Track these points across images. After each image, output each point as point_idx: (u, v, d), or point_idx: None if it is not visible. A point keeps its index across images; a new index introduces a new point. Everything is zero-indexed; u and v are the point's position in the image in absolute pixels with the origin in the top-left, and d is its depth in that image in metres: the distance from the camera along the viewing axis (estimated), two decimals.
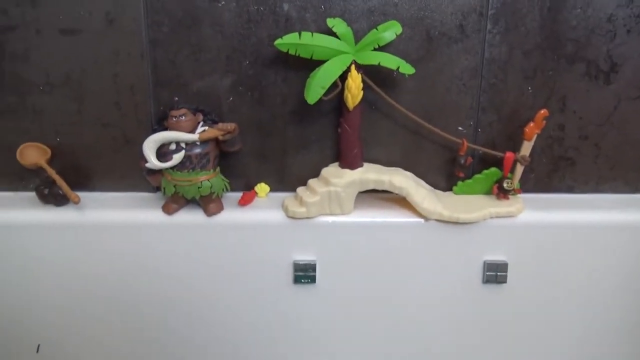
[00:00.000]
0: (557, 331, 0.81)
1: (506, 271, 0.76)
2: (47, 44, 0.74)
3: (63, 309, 0.78)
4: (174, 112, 0.71)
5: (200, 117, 0.74)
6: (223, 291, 0.78)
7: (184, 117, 0.71)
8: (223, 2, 0.73)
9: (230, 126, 0.71)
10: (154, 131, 0.72)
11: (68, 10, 0.72)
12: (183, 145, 0.72)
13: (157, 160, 0.71)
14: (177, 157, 0.71)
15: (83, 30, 0.73)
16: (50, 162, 0.77)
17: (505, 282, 0.77)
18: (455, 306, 0.79)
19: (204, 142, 0.72)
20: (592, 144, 0.81)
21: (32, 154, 0.76)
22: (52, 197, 0.76)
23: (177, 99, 0.76)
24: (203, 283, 0.77)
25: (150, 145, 0.71)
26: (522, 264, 0.77)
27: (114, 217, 0.75)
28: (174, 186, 0.73)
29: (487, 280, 0.77)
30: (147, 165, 0.71)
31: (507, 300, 0.79)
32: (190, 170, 0.72)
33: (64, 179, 0.75)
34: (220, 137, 0.72)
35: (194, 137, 0.71)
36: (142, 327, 0.80)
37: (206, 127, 0.72)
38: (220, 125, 0.72)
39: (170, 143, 0.71)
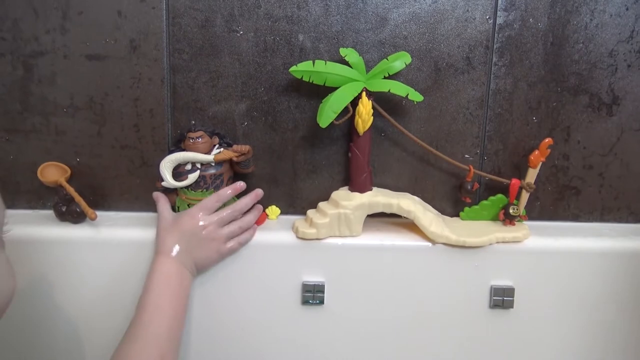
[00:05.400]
0: (563, 356, 0.81)
1: (513, 296, 0.77)
2: (74, 69, 0.78)
3: (77, 323, 0.79)
4: (191, 134, 0.74)
5: (217, 140, 0.77)
6: (232, 310, 0.79)
7: (200, 139, 0.74)
8: (241, 32, 0.77)
9: (245, 148, 0.74)
10: (171, 152, 0.75)
11: (95, 37, 0.77)
12: (198, 165, 0.74)
13: (172, 179, 0.74)
14: (192, 177, 0.74)
15: (108, 56, 0.77)
16: (69, 181, 0.79)
17: (512, 307, 0.77)
18: (462, 330, 0.79)
19: (218, 163, 0.75)
20: (597, 173, 0.83)
21: (53, 172, 0.79)
22: (69, 214, 0.78)
23: (194, 122, 0.79)
24: (212, 301, 0.78)
25: (167, 165, 0.73)
26: (528, 290, 0.78)
27: (128, 235, 0.77)
28: (188, 205, 0.75)
29: (494, 304, 0.77)
30: (163, 183, 0.74)
31: (514, 326, 0.79)
32: (204, 190, 0.74)
33: (81, 198, 0.77)
34: (235, 159, 0.74)
35: (210, 158, 0.74)
36: None
37: (221, 149, 0.75)
38: (235, 147, 0.75)
39: (186, 163, 0.74)
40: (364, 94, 0.73)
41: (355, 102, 0.73)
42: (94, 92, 0.79)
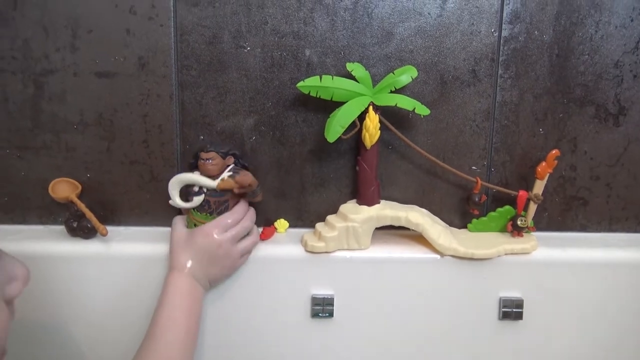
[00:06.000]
0: None
1: (522, 308, 0.77)
2: (83, 86, 0.78)
3: (88, 338, 0.80)
4: (203, 154, 0.73)
5: (231, 160, 0.75)
6: (242, 323, 0.79)
7: (210, 161, 0.73)
8: (248, 48, 0.78)
9: (246, 181, 0.72)
10: (191, 165, 0.76)
11: (104, 55, 0.78)
12: (204, 189, 0.74)
13: (179, 199, 0.74)
14: (197, 200, 0.73)
15: (117, 74, 0.78)
16: (79, 197, 0.80)
17: (521, 318, 0.77)
18: (472, 342, 0.79)
19: (222, 190, 0.74)
20: (604, 184, 0.83)
21: (64, 189, 0.80)
22: (80, 230, 0.78)
23: (202, 137, 0.80)
24: (222, 314, 0.79)
25: (174, 185, 0.74)
26: (537, 301, 0.78)
27: (138, 249, 0.78)
28: (194, 225, 0.75)
29: (503, 316, 0.77)
30: (170, 202, 0.74)
31: (523, 337, 0.79)
32: (208, 214, 0.74)
33: (92, 213, 0.78)
34: (235, 191, 0.73)
35: (213, 184, 0.73)
36: None
37: (232, 172, 0.74)
38: (237, 178, 0.73)
39: (194, 185, 0.74)
40: (371, 108, 0.74)
41: (362, 116, 0.74)
42: (103, 108, 0.79)
